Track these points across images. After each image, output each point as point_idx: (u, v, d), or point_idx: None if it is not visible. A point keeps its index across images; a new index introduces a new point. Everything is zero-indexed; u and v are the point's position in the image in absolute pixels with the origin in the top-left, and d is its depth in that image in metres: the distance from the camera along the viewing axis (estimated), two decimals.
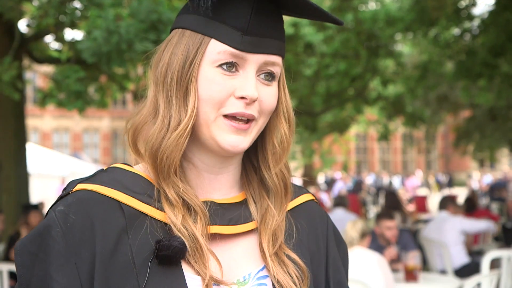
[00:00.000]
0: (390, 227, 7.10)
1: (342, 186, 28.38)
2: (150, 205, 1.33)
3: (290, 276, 1.38)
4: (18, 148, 10.51)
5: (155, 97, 1.37)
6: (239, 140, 1.33)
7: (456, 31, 12.84)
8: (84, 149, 46.69)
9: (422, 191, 26.25)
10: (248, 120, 1.34)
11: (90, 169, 12.05)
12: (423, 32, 12.53)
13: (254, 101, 1.32)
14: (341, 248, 1.58)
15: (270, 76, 1.36)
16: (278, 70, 1.37)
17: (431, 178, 39.61)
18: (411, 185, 29.19)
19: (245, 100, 1.31)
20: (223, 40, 1.32)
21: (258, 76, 1.35)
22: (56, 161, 9.89)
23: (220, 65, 1.32)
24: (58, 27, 9.28)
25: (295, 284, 1.38)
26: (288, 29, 13.46)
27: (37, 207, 8.81)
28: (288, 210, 1.48)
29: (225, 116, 1.32)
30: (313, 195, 1.60)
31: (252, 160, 1.46)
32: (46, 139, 46.23)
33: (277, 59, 1.36)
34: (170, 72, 1.35)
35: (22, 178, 10.63)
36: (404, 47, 18.53)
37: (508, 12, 10.85)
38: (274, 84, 1.38)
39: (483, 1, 12.91)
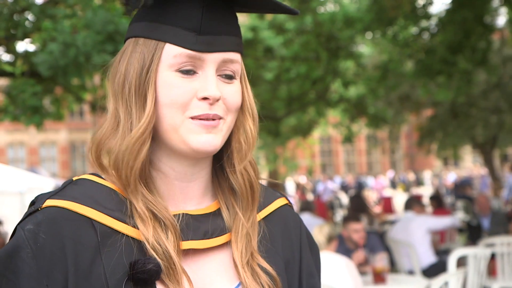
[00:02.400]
0: (357, 230, 7.10)
1: (330, 188, 28.63)
2: (123, 222, 1.29)
3: (263, 287, 1.34)
4: None
5: (116, 109, 1.35)
6: (211, 138, 1.30)
7: (414, 30, 12.92)
8: (42, 163, 45.89)
9: (388, 192, 26.40)
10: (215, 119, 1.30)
11: (48, 183, 11.82)
12: (382, 32, 12.58)
13: (217, 100, 1.28)
14: (314, 251, 1.57)
15: (231, 74, 1.33)
16: (237, 67, 1.35)
17: (397, 178, 39.94)
18: (379, 185, 29.29)
19: (208, 100, 1.29)
20: (178, 42, 1.30)
21: (218, 75, 1.31)
22: (13, 177, 9.67)
23: (178, 68, 1.28)
24: (9, 39, 9.07)
25: None
26: (247, 34, 13.41)
27: None
28: (263, 218, 1.47)
29: (192, 117, 1.28)
30: (286, 198, 1.56)
31: (222, 164, 1.43)
32: (0, 155, 45.35)
33: (235, 55, 1.34)
34: (127, 83, 1.32)
35: None
36: (364, 47, 18.61)
37: (464, 10, 10.97)
38: (236, 81, 1.35)
39: (440, 0, 12.97)
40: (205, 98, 1.29)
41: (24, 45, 9.73)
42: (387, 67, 14.06)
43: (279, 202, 1.53)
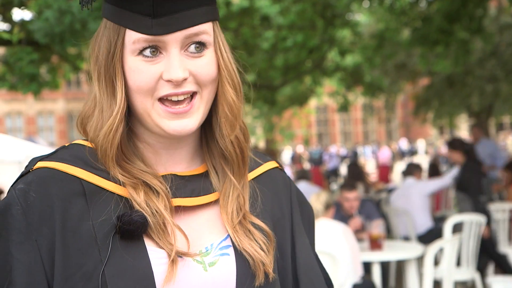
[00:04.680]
0: (348, 199, 7.14)
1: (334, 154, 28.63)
2: (111, 181, 1.33)
3: (257, 242, 1.37)
4: None
5: (94, 88, 1.37)
6: (183, 124, 1.31)
7: None
8: (39, 133, 45.86)
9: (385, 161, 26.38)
10: (192, 95, 1.31)
11: (46, 152, 11.78)
12: (379, 0, 12.50)
13: (183, 80, 1.28)
14: (305, 209, 1.58)
15: (201, 46, 1.31)
16: (206, 37, 1.32)
17: (395, 147, 39.94)
18: (383, 156, 29.13)
19: (172, 83, 1.29)
20: (134, 28, 1.28)
21: (186, 50, 1.30)
22: (11, 146, 9.69)
23: (140, 53, 1.28)
24: (6, 7, 9.01)
25: (262, 250, 1.36)
26: (243, 2, 13.32)
27: None
28: (252, 179, 1.49)
29: (161, 101, 1.29)
30: (277, 162, 1.58)
31: (212, 129, 1.43)
32: None
33: (199, 28, 1.31)
34: (97, 66, 1.33)
35: None
36: (360, 16, 18.51)
37: None
38: (208, 51, 1.33)
39: None
40: (169, 81, 1.29)
41: (20, 13, 9.68)
42: (384, 36, 14.01)
43: (269, 165, 1.56)
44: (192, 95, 1.32)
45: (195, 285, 1.32)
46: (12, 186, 1.33)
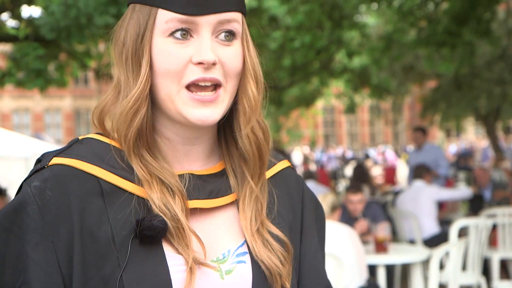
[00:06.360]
0: (352, 201, 7.10)
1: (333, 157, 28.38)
2: (129, 180, 1.30)
3: (275, 253, 1.34)
4: None
5: (118, 77, 1.34)
6: (208, 113, 1.28)
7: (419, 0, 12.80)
8: (46, 130, 45.89)
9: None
10: (215, 87, 1.28)
11: (53, 149, 11.80)
12: (388, 2, 12.47)
13: (213, 64, 1.25)
14: (318, 211, 1.56)
15: (230, 35, 1.30)
16: (237, 27, 1.31)
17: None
18: (391, 158, 28.97)
19: (203, 65, 1.26)
20: (168, 7, 1.26)
21: (216, 37, 1.29)
22: (18, 143, 9.69)
23: (171, 34, 1.26)
24: (15, 3, 9.03)
25: (280, 261, 1.34)
26: (252, 2, 13.33)
27: (2, 192, 8.57)
28: (268, 178, 1.45)
29: (188, 87, 1.26)
30: (289, 161, 1.55)
31: (232, 127, 1.40)
32: (5, 120, 45.24)
33: (232, 15, 1.30)
34: (125, 50, 1.30)
35: None
36: (368, 18, 18.48)
37: None
38: (236, 42, 1.32)
39: None
40: (200, 63, 1.26)
41: (29, 10, 9.72)
42: (391, 38, 13.98)
43: (282, 164, 1.53)
44: (216, 87, 1.29)
45: None
46: (25, 181, 1.29)
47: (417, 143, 11.02)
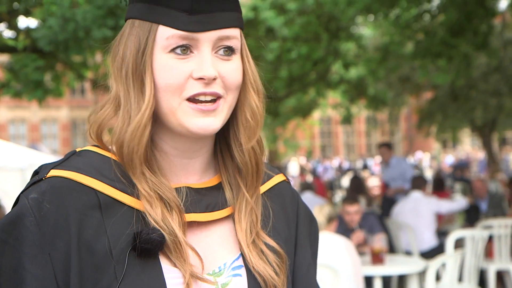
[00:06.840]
0: (349, 212, 7.09)
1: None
2: (126, 193, 1.30)
3: (270, 264, 1.35)
4: None
5: (116, 91, 1.34)
6: (209, 122, 1.29)
7: (416, 11, 12.83)
8: (43, 140, 45.75)
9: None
10: (215, 99, 1.29)
11: (49, 160, 11.80)
12: (384, 14, 12.51)
13: (213, 79, 1.27)
14: (312, 226, 1.57)
15: (229, 50, 1.32)
16: (236, 42, 1.33)
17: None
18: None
19: (203, 80, 1.28)
20: (169, 24, 1.28)
21: (216, 52, 1.31)
22: (14, 153, 9.68)
23: (172, 50, 1.27)
24: (12, 14, 9.04)
25: (275, 272, 1.35)
26: (248, 14, 13.37)
27: None
28: (263, 192, 1.47)
29: (189, 99, 1.27)
30: (284, 175, 1.56)
31: (227, 140, 1.41)
32: (1, 131, 45.02)
33: (232, 31, 1.32)
34: (124, 66, 1.31)
35: None
36: (365, 29, 18.54)
37: None
38: (235, 57, 1.33)
39: None
40: (200, 79, 1.28)
41: (26, 21, 9.72)
42: (388, 49, 14.02)
43: (278, 178, 1.54)
44: (216, 98, 1.30)
45: None
46: (23, 193, 1.29)
47: (383, 159, 11.30)
